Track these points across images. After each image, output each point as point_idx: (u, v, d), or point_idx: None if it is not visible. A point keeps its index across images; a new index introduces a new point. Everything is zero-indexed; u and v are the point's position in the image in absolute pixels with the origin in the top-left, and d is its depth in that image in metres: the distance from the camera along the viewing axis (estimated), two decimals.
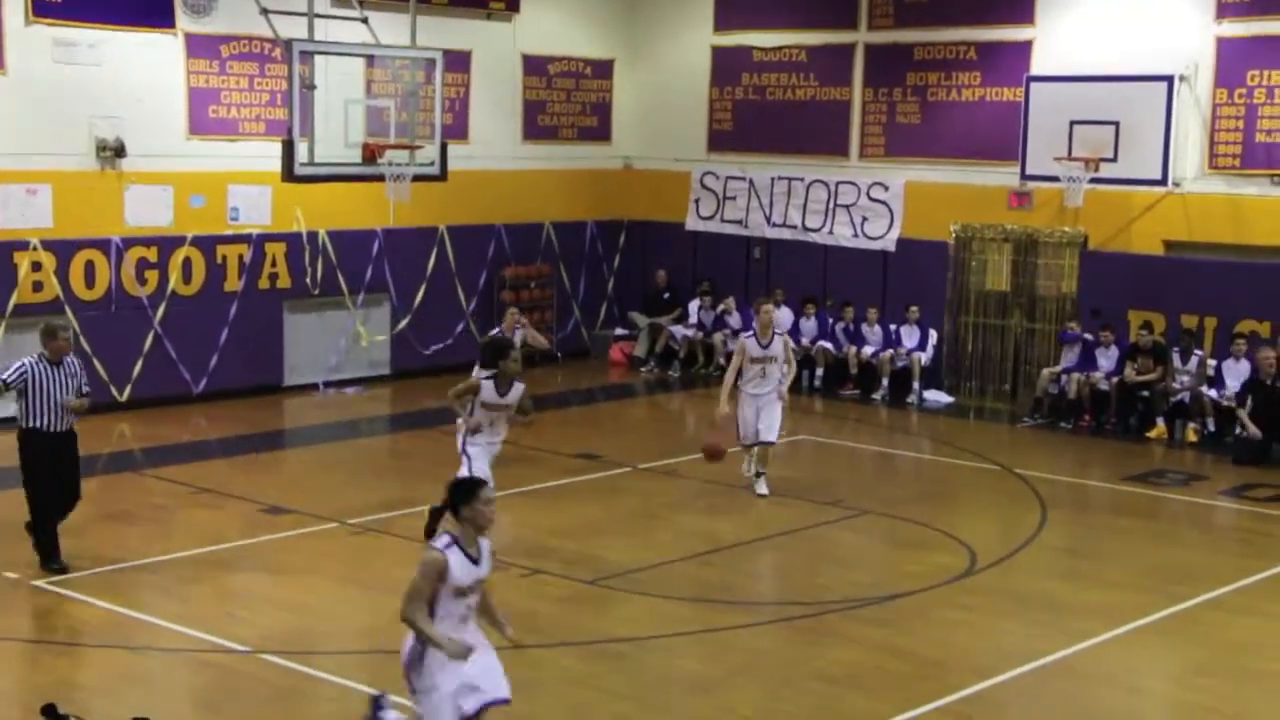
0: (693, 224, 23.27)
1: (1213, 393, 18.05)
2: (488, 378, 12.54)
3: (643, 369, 22.58)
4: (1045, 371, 19.42)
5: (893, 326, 20.93)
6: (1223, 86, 18.59)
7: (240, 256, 19.07)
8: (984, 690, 9.58)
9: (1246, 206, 18.58)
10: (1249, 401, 17.09)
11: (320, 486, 14.89)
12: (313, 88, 15.86)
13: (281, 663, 9.77)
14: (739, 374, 14.59)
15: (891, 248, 21.35)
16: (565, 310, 23.17)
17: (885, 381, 20.65)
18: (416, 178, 16.94)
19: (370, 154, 16.53)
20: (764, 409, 14.49)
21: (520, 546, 12.55)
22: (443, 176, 17.39)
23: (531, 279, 22.52)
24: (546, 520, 13.62)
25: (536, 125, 22.72)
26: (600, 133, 23.65)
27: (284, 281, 19.56)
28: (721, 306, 22.34)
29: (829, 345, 21.15)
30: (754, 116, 22.73)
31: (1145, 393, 18.47)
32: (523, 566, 11.98)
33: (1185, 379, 18.27)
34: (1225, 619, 11.25)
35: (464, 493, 7.19)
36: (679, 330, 22.63)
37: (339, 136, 16.48)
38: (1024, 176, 19.70)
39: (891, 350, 20.70)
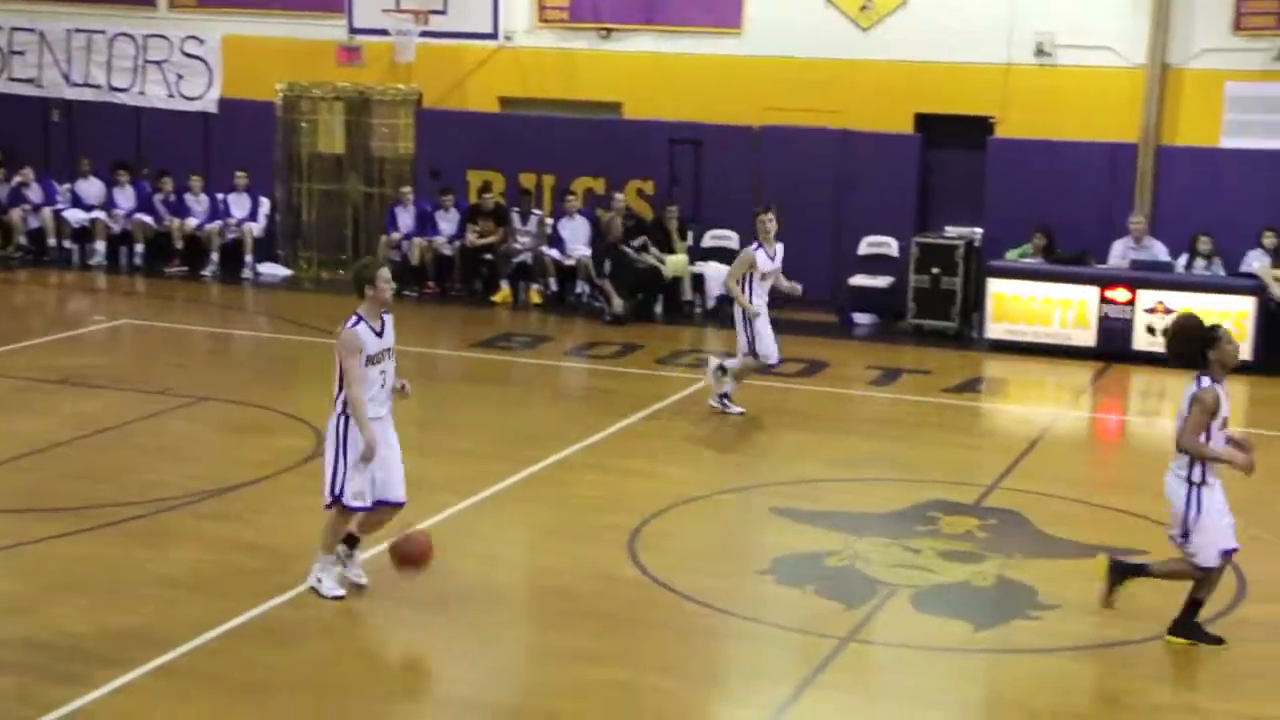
0: None
1: (554, 253, 19.00)
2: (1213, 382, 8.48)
3: None
4: (384, 239, 19.64)
5: (220, 195, 20.42)
6: None
7: None
8: None
9: (577, 61, 19.53)
10: (606, 266, 18.08)
11: None
12: None
13: None
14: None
15: (213, 109, 20.75)
16: None
17: (215, 256, 20.16)
18: None
19: None
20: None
21: None
22: None
23: None
24: None
25: None
26: None
27: None
28: (18, 178, 20.85)
29: (148, 218, 20.32)
30: None
31: (488, 256, 19.15)
32: None
33: (526, 240, 19.10)
34: (574, 477, 11.96)
35: None
36: None
37: None
38: (351, 30, 19.65)
39: (220, 221, 20.20)
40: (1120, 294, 16.83)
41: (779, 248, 13.63)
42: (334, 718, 7.76)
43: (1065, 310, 17.03)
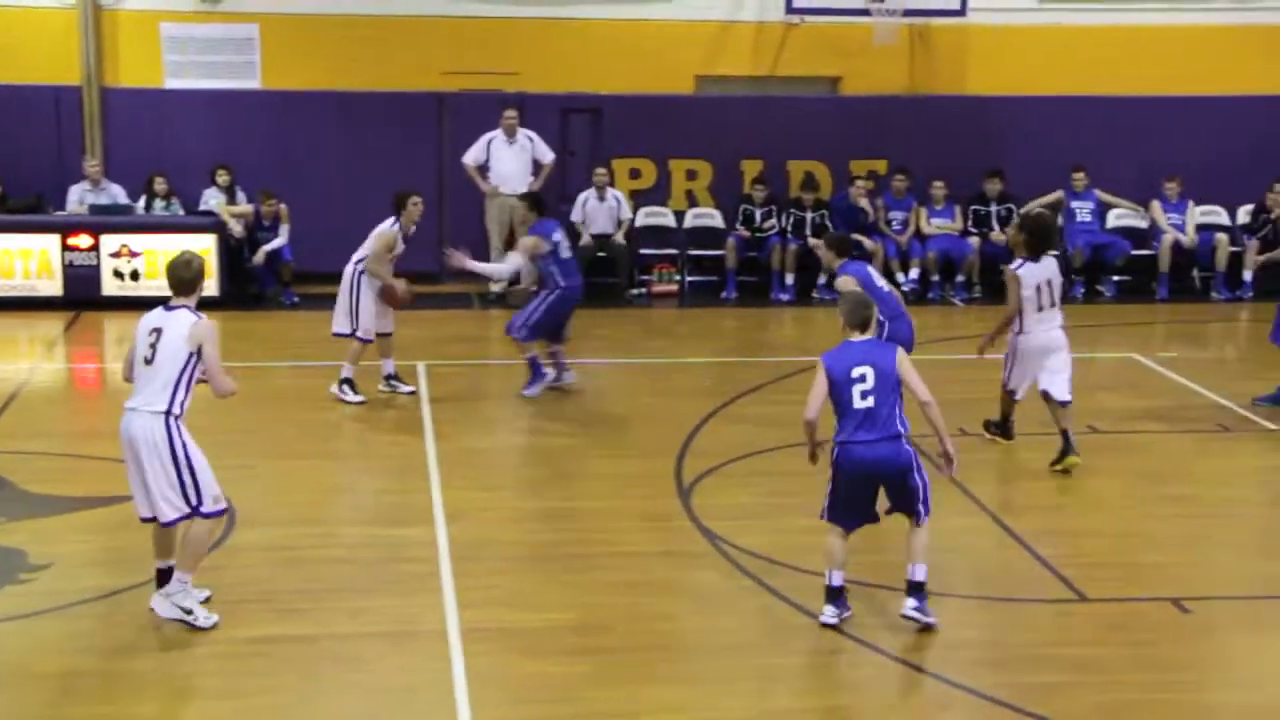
0: None
1: None
2: None
3: None
4: None
5: None
6: None
7: None
8: None
9: None
10: None
11: None
12: None
13: None
14: None
15: None
16: None
17: None
18: None
19: None
20: None
21: None
22: None
23: None
24: None
25: None
26: None
27: None
28: None
29: None
30: None
31: None
32: None
33: None
34: None
35: None
36: None
37: None
38: None
39: None
40: (83, 240, 16.54)
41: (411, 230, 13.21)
42: None
43: (27, 260, 16.48)
